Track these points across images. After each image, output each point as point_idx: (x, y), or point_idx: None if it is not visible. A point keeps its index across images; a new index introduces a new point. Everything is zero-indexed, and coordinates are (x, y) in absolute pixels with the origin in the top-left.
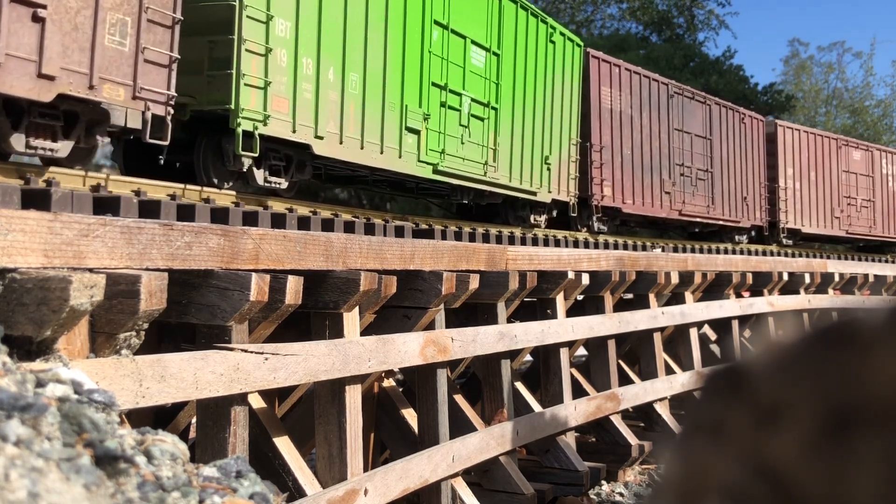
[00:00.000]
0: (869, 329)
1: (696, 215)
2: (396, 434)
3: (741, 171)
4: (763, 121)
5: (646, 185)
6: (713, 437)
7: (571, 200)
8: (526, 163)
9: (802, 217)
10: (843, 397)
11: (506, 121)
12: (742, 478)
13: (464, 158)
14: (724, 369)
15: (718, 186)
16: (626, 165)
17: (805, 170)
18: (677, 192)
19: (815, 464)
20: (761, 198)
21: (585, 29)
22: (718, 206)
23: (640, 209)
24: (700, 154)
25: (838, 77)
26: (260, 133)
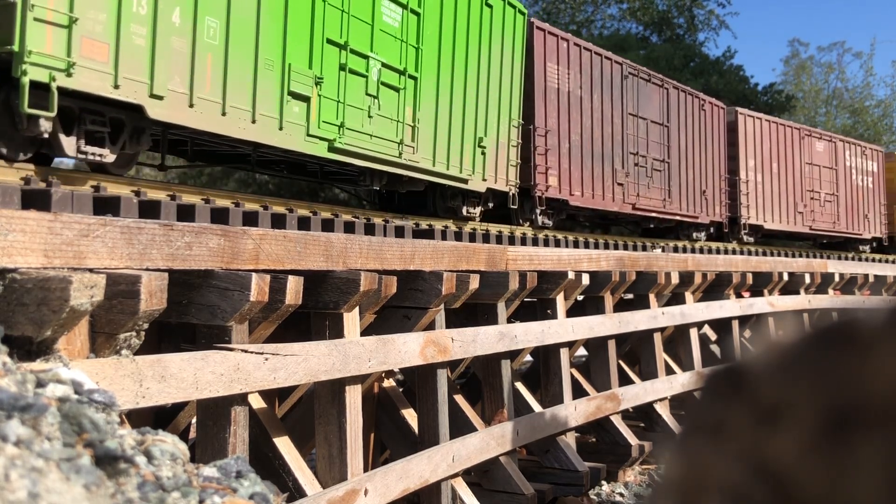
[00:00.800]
0: (869, 329)
1: (652, 210)
2: (396, 434)
3: (700, 162)
4: (724, 108)
5: (596, 176)
6: (713, 437)
7: (511, 190)
8: (455, 145)
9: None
10: (843, 397)
11: (428, 93)
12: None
13: (371, 135)
14: (724, 369)
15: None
16: (574, 153)
17: (767, 161)
18: (631, 184)
19: (815, 464)
20: (721, 192)
21: (586, 29)
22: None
23: (590, 202)
24: (656, 142)
25: (838, 77)
26: (60, 86)
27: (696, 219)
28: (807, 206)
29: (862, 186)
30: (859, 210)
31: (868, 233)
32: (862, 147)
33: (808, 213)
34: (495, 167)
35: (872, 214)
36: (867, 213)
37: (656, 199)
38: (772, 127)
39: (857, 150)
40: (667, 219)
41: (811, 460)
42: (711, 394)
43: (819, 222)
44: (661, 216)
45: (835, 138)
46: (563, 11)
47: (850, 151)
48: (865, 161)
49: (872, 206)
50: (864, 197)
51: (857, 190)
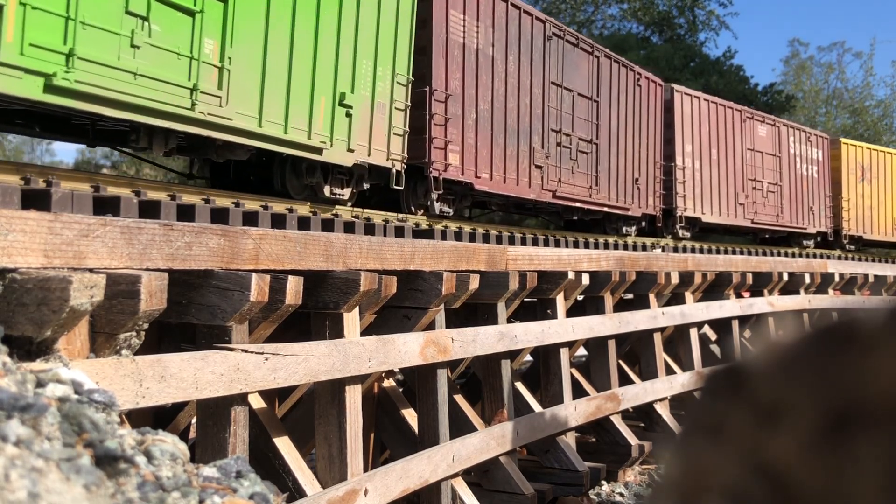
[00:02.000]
0: (869, 329)
1: (576, 199)
2: (396, 434)
3: (634, 145)
4: (662, 85)
5: (510, 156)
6: (713, 437)
7: (395, 167)
8: (298, 100)
9: (702, 204)
10: (843, 397)
11: (249, 22)
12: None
13: (136, 74)
14: (724, 369)
15: (605, 163)
16: (482, 126)
17: (706, 146)
18: (551, 168)
19: (815, 464)
20: (656, 180)
21: (586, 29)
22: (604, 188)
23: (501, 187)
24: (583, 120)
25: (838, 77)
26: None
27: (627, 211)
28: (748, 197)
29: (807, 176)
30: (804, 202)
31: (813, 227)
32: (806, 133)
33: (749, 205)
34: (369, 135)
35: (817, 207)
36: (812, 206)
37: (581, 187)
38: (710, 107)
39: (801, 135)
40: (593, 210)
41: (811, 460)
42: (711, 394)
43: (761, 215)
44: (586, 206)
45: (778, 122)
46: (564, 11)
47: (795, 137)
48: (810, 148)
49: (817, 197)
50: (808, 187)
51: (802, 180)
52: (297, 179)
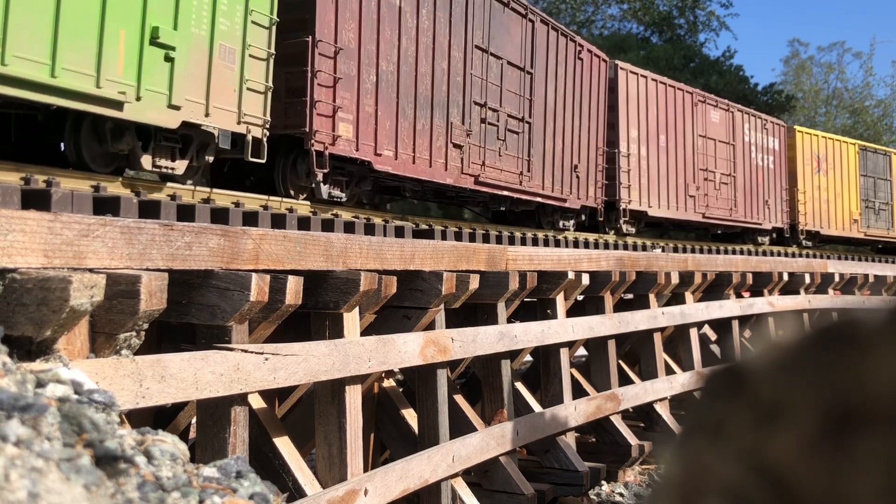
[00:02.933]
0: (869, 329)
1: (504, 186)
2: (396, 434)
3: (573, 127)
4: (607, 61)
5: (420, 131)
6: (713, 437)
7: (251, 133)
8: (71, 29)
9: (649, 196)
10: (844, 397)
11: None
12: (742, 478)
13: None
14: (724, 369)
15: (539, 146)
16: (385, 91)
17: (653, 131)
18: (474, 148)
19: (816, 464)
20: (598, 168)
21: (586, 29)
22: (537, 175)
23: (408, 168)
24: (514, 93)
25: (838, 77)
26: None
27: (564, 202)
28: (700, 189)
29: (762, 167)
30: (759, 195)
31: (768, 222)
32: (763, 120)
33: (700, 198)
34: (207, 89)
35: (773, 200)
36: (767, 199)
37: (510, 172)
38: (659, 88)
39: (757, 122)
40: (525, 200)
41: (811, 460)
42: (711, 394)
43: (714, 209)
44: (516, 196)
45: (732, 107)
46: (564, 12)
47: (750, 124)
48: (766, 137)
49: (773, 190)
50: (764, 179)
51: (757, 171)
52: (98, 145)
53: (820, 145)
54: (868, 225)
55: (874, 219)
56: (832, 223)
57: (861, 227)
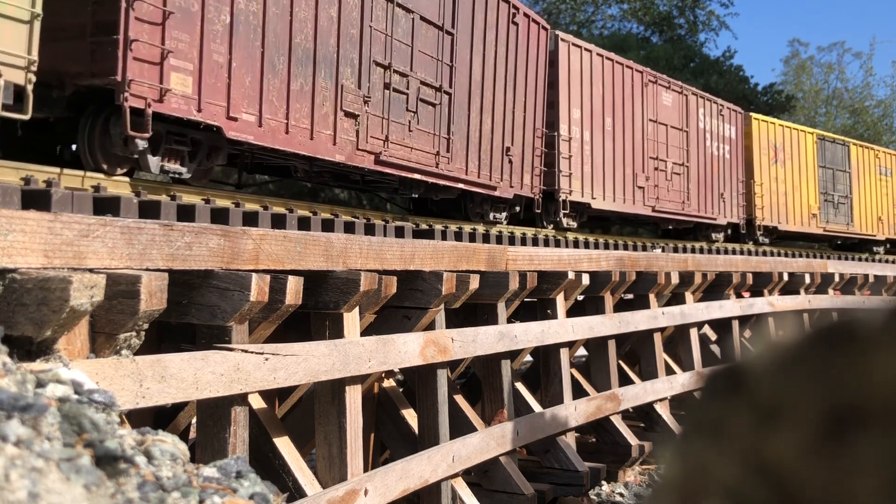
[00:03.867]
0: (869, 329)
1: (415, 168)
2: (396, 434)
3: (506, 103)
4: (547, 29)
5: (296, 92)
6: (713, 437)
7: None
8: None
9: (593, 186)
10: (843, 397)
11: None
12: (742, 478)
13: None
14: (724, 369)
15: (462, 123)
16: (242, 36)
17: (598, 113)
18: (374, 119)
19: (816, 464)
20: (535, 153)
21: (586, 29)
22: (459, 157)
23: (278, 138)
24: (429, 57)
25: (838, 77)
26: None
27: (494, 191)
28: (649, 180)
29: (718, 156)
30: (714, 187)
31: (723, 217)
32: (718, 105)
33: (650, 190)
34: None
35: (729, 193)
36: (723, 192)
37: (424, 152)
38: (606, 65)
39: (712, 107)
40: (444, 186)
41: (811, 460)
42: (711, 394)
43: (664, 202)
44: (431, 181)
45: (686, 90)
46: (564, 12)
47: (705, 109)
48: (722, 123)
49: (729, 182)
50: (719, 170)
51: (713, 161)
52: None
53: (777, 134)
54: (827, 220)
55: (833, 213)
56: (790, 218)
57: (820, 221)
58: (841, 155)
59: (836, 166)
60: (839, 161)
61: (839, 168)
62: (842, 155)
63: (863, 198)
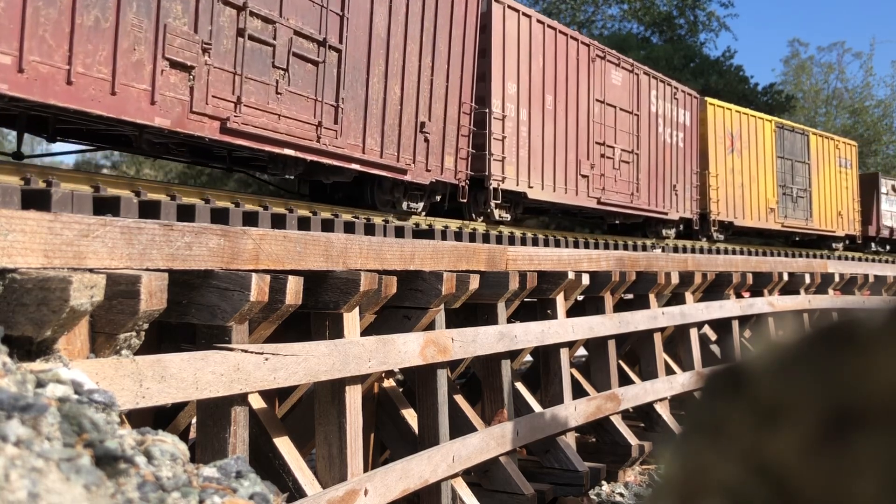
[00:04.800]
0: (869, 329)
1: (285, 141)
2: (396, 434)
3: (421, 69)
4: None
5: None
6: (713, 437)
7: None
8: None
9: (530, 173)
10: (844, 397)
11: None
12: (742, 478)
13: None
14: (724, 369)
15: (356, 89)
16: None
17: (538, 90)
18: (218, 74)
19: (816, 464)
20: (459, 132)
21: (586, 29)
22: (352, 131)
23: (50, 90)
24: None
25: (838, 77)
26: None
27: (404, 175)
28: (595, 169)
29: (671, 144)
30: (666, 179)
31: (676, 212)
32: (673, 87)
33: (596, 179)
34: None
35: (682, 186)
36: (675, 184)
37: (299, 122)
38: (547, 34)
39: (666, 89)
40: (332, 167)
41: (811, 461)
42: (711, 394)
43: (611, 194)
44: (312, 159)
45: (637, 68)
46: (564, 12)
47: (658, 91)
48: (676, 108)
49: (683, 173)
50: (672, 159)
51: (665, 149)
52: None
53: (734, 121)
54: (786, 214)
55: (792, 207)
56: (747, 212)
57: (778, 216)
58: (800, 145)
59: (796, 157)
60: (798, 151)
61: (798, 159)
62: (801, 145)
63: (822, 191)
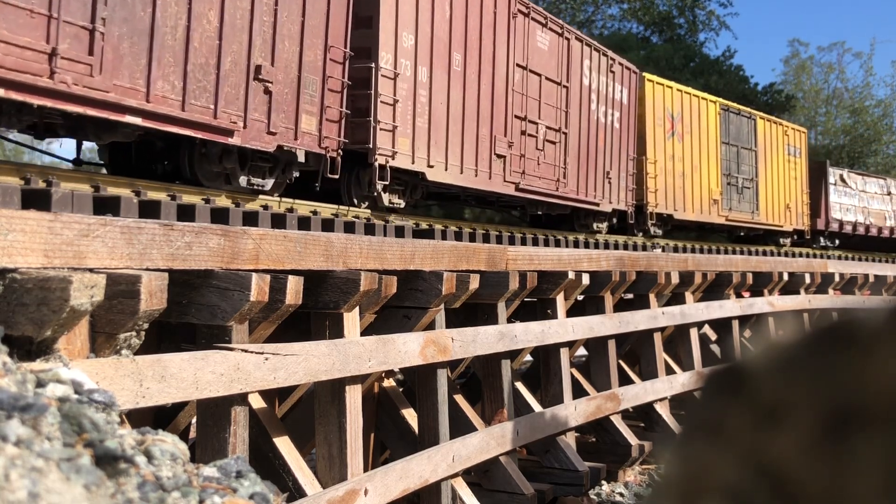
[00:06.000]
0: (869, 329)
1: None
2: (396, 434)
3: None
4: None
5: None
6: (713, 437)
7: None
8: None
9: (430, 150)
10: (844, 397)
11: None
12: (742, 478)
13: None
14: (724, 369)
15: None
16: None
17: (443, 46)
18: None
19: (816, 464)
20: (325, 87)
21: (586, 29)
22: (124, 70)
23: None
24: None
25: (838, 77)
26: None
27: (229, 138)
28: (514, 148)
29: (605, 124)
30: (599, 164)
31: (609, 203)
32: (609, 58)
33: (514, 161)
34: None
35: (616, 173)
36: (609, 171)
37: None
38: None
39: (601, 60)
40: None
41: (811, 460)
42: (711, 394)
43: (533, 179)
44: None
45: (567, 31)
46: (564, 12)
47: (592, 62)
48: (613, 83)
49: (618, 158)
50: (606, 142)
51: (599, 129)
52: None
53: (675, 101)
54: (730, 207)
55: (737, 199)
56: (688, 204)
57: (722, 209)
58: (747, 129)
59: (742, 143)
60: (745, 137)
61: (744, 145)
62: (748, 129)
63: (770, 182)
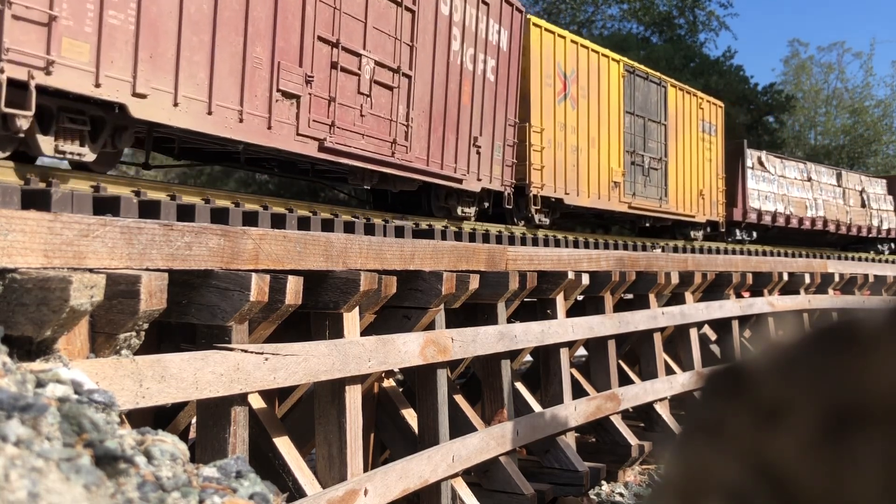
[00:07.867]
0: (869, 329)
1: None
2: (396, 434)
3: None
4: None
5: None
6: (713, 437)
7: None
8: None
9: (177, 81)
10: (843, 397)
11: None
12: (742, 478)
13: None
14: (724, 369)
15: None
16: None
17: None
18: None
19: (816, 464)
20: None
21: (586, 29)
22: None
23: None
24: None
25: (838, 77)
26: None
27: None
28: (315, 86)
29: (474, 74)
30: (462, 128)
31: (477, 180)
32: None
33: (320, 108)
34: None
35: (490, 141)
36: (478, 137)
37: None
38: None
39: None
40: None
41: (811, 460)
42: (711, 394)
43: (355, 138)
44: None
45: None
46: (564, 12)
47: None
48: (487, 19)
49: (491, 122)
50: (475, 98)
51: (464, 79)
52: None
53: (569, 55)
54: (634, 192)
55: (643, 182)
56: (583, 187)
57: (624, 194)
58: (656, 98)
59: (650, 115)
60: (653, 108)
61: (653, 118)
62: (657, 99)
63: (681, 163)
